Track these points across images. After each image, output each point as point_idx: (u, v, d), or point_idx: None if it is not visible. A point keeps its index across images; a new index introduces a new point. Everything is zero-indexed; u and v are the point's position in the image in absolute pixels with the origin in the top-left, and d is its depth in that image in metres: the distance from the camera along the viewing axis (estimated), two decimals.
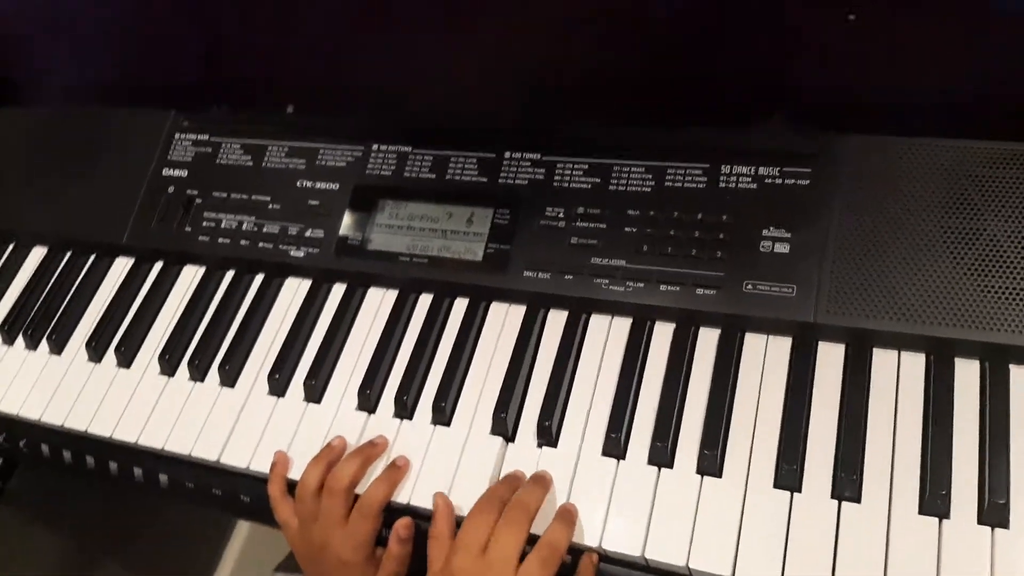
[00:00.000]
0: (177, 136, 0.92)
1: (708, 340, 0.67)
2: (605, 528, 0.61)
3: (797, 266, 0.65)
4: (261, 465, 0.71)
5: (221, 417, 0.75)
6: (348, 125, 0.85)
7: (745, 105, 0.74)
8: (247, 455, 0.72)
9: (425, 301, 0.77)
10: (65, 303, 0.88)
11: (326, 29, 0.93)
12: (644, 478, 0.62)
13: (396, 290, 0.78)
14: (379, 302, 0.78)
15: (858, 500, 0.57)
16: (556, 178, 0.75)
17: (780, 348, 0.65)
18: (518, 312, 0.73)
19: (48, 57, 1.09)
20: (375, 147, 0.83)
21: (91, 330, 0.84)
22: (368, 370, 0.73)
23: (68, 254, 0.93)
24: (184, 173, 0.90)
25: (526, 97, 0.87)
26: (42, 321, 0.87)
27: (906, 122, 0.68)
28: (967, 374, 0.60)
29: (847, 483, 0.58)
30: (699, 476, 0.61)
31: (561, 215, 0.74)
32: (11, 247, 0.96)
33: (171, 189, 0.89)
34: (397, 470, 0.67)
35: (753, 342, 0.66)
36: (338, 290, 0.80)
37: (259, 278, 0.83)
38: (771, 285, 0.66)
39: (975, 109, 0.69)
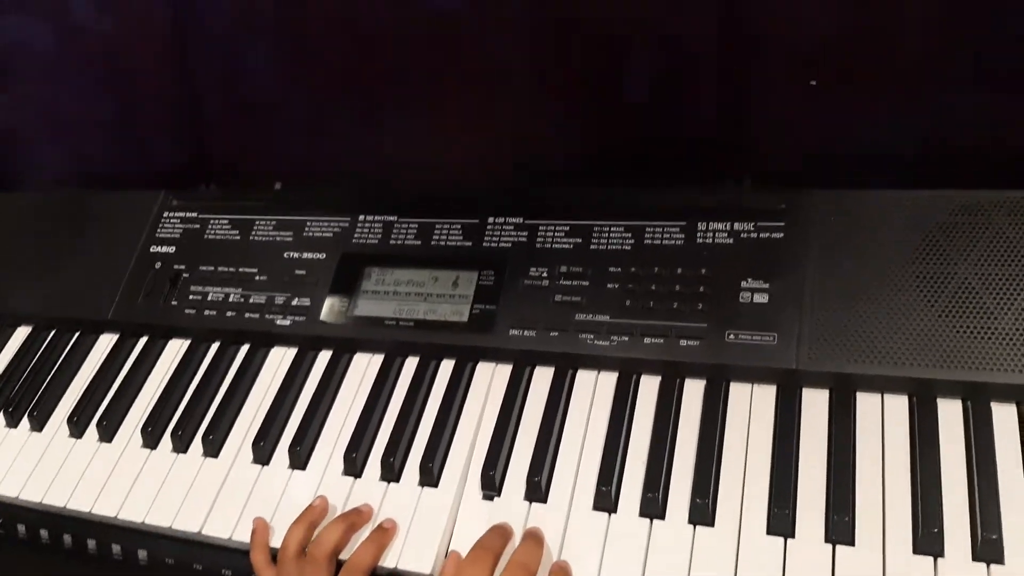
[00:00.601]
0: (166, 215, 0.94)
1: (694, 391, 0.68)
2: None
3: (777, 315, 0.67)
4: (244, 535, 0.69)
5: (204, 488, 0.73)
6: (334, 198, 0.87)
7: (716, 166, 0.77)
8: (230, 525, 0.70)
9: (411, 364, 0.77)
10: (47, 380, 0.87)
11: (311, 111, 0.97)
12: (636, 531, 0.61)
13: (382, 355, 0.78)
14: (365, 367, 0.78)
15: (852, 543, 0.57)
16: (539, 240, 0.77)
17: (765, 396, 0.66)
18: (504, 371, 0.74)
19: (37, 143, 1.12)
20: (361, 217, 0.85)
21: (73, 405, 0.83)
22: (354, 434, 0.72)
23: (52, 332, 0.92)
24: (172, 249, 0.91)
25: (507, 167, 0.90)
26: (23, 398, 0.86)
27: (870, 175, 0.71)
28: (950, 413, 0.61)
29: (840, 526, 0.57)
30: (692, 526, 0.60)
31: (545, 274, 0.75)
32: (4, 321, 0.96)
33: (158, 265, 0.90)
34: (384, 533, 0.65)
35: (738, 391, 0.67)
36: (324, 357, 0.80)
37: (244, 349, 0.83)
38: (752, 334, 0.67)
39: (934, 161, 0.72)
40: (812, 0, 0.72)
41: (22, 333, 0.95)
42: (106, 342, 0.89)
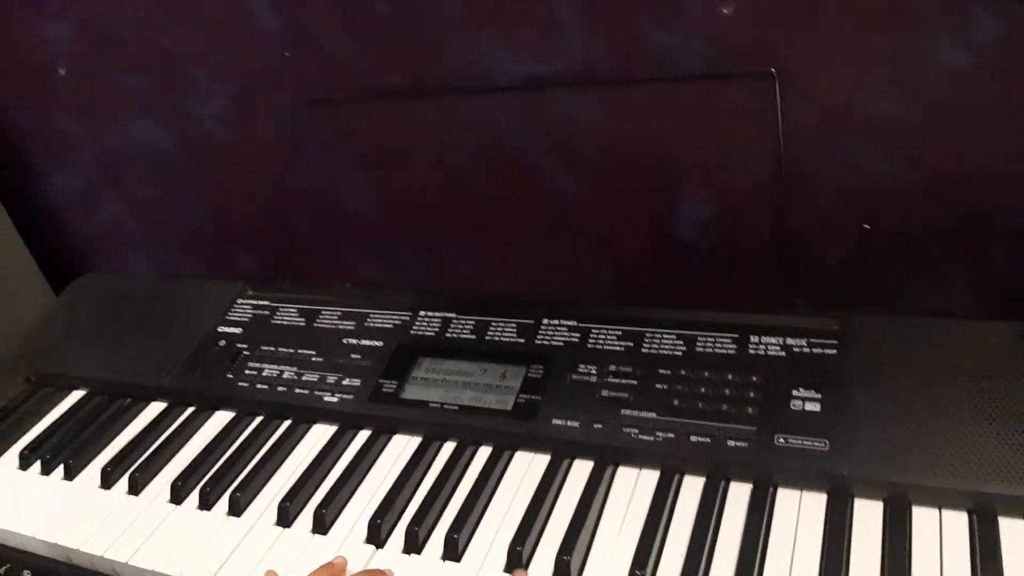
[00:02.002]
0: (239, 301, 0.99)
1: (739, 494, 0.65)
2: None
3: (829, 423, 0.65)
4: None
5: (222, 544, 0.71)
6: (398, 296, 0.91)
7: (769, 293, 0.80)
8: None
9: (449, 447, 0.76)
10: (88, 435, 0.88)
11: (386, 230, 1.04)
12: None
13: (420, 436, 0.78)
14: (403, 447, 0.78)
15: None
16: (590, 341, 0.79)
17: (814, 504, 0.63)
18: (543, 460, 0.72)
19: (139, 236, 1.21)
20: (421, 313, 0.88)
21: (109, 459, 0.83)
22: (382, 504, 0.70)
23: (103, 397, 0.95)
24: (239, 330, 0.95)
25: (566, 289, 0.94)
26: (61, 451, 0.86)
27: (924, 304, 0.72)
28: (1013, 531, 0.57)
29: None
30: None
31: (593, 371, 0.76)
32: (50, 390, 0.99)
33: (222, 343, 0.94)
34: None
35: (786, 497, 0.64)
36: (364, 434, 0.80)
37: (287, 423, 0.84)
38: (803, 439, 0.65)
39: (986, 297, 0.73)
40: (865, 152, 0.77)
41: (76, 396, 0.97)
42: (156, 409, 0.91)
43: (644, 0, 0.76)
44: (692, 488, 0.66)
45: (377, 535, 0.68)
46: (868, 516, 0.61)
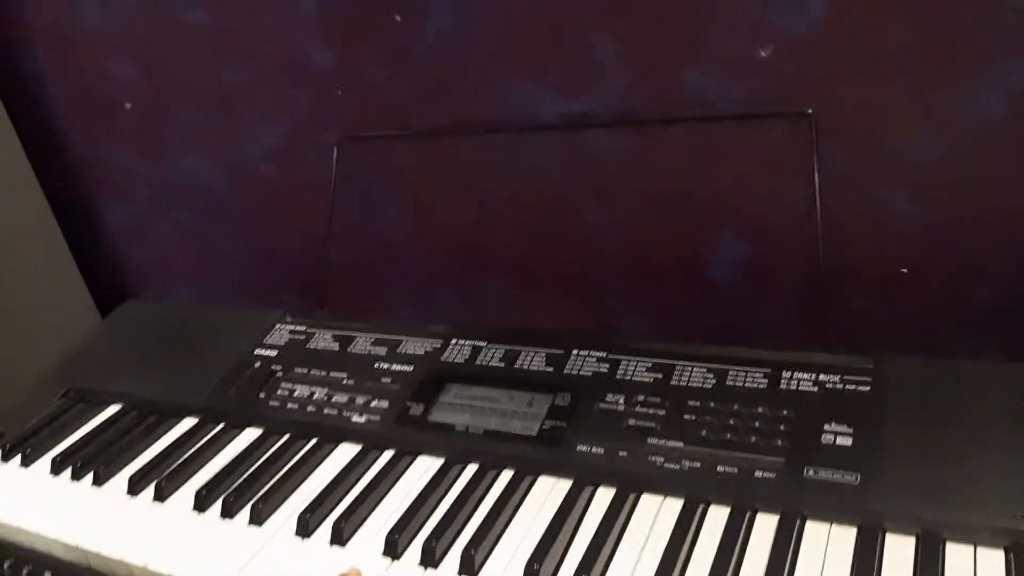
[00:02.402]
0: (278, 327, 1.01)
1: (765, 526, 0.63)
2: None
3: (861, 457, 0.64)
4: None
5: (242, 550, 0.71)
6: (433, 326, 0.92)
7: (802, 331, 0.79)
8: None
9: (472, 469, 0.76)
10: (119, 446, 0.89)
11: (425, 266, 1.07)
12: None
13: (443, 458, 0.78)
14: (426, 468, 0.77)
15: None
16: (619, 372, 0.78)
17: (843, 538, 0.61)
18: (565, 485, 0.71)
19: (184, 265, 1.25)
20: (453, 341, 0.89)
21: (137, 468, 0.84)
22: (401, 519, 0.70)
23: (136, 412, 0.96)
24: (274, 353, 0.97)
25: (598, 328, 0.95)
26: (92, 460, 0.88)
27: (962, 347, 0.71)
28: None
29: None
30: None
31: (621, 401, 0.75)
32: (85, 404, 1.01)
33: (257, 364, 0.96)
34: None
35: (814, 530, 0.62)
36: (387, 455, 0.80)
37: (313, 442, 0.84)
38: (833, 472, 0.63)
39: (1018, 337, 0.72)
40: (901, 195, 0.78)
41: (111, 410, 0.99)
42: (187, 424, 0.92)
43: (682, 42, 0.78)
44: (716, 518, 0.65)
45: (394, 549, 0.67)
46: (900, 552, 0.58)
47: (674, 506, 0.67)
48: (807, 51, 0.75)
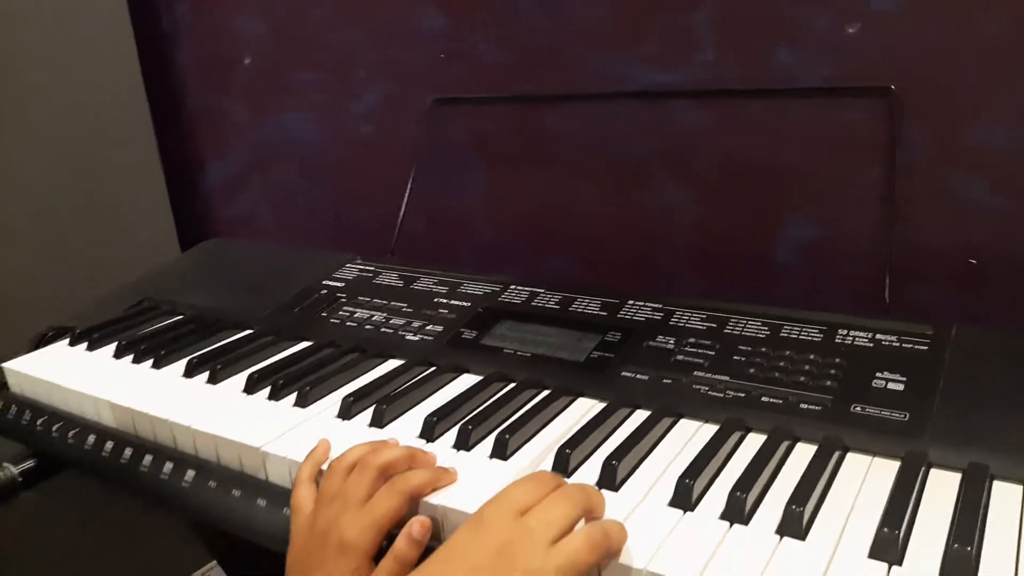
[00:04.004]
0: (348, 265, 1.05)
1: (804, 454, 0.62)
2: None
3: (912, 400, 0.62)
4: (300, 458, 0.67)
5: (283, 424, 0.73)
6: (495, 275, 0.95)
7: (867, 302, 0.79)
8: (292, 450, 0.68)
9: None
10: (179, 342, 0.92)
11: (490, 234, 1.10)
12: (713, 530, 0.53)
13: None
14: (470, 381, 0.78)
15: None
16: (673, 320, 0.79)
17: (884, 471, 0.59)
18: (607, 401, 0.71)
19: (267, 229, 1.32)
20: (512, 286, 0.91)
21: (197, 355, 0.88)
22: (441, 408, 0.71)
23: (200, 320, 1.00)
24: (341, 284, 1.00)
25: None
26: (153, 348, 0.91)
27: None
28: None
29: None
30: (778, 536, 0.52)
31: (672, 342, 0.76)
32: (150, 312, 1.05)
33: (323, 291, 0.99)
34: (446, 473, 0.61)
35: (854, 460, 0.60)
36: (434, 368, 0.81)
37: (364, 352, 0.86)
38: (882, 409, 0.62)
39: None
40: (978, 185, 0.78)
41: (177, 318, 1.03)
42: (246, 332, 0.96)
43: (774, 17, 0.82)
44: (755, 442, 0.64)
45: (431, 431, 0.68)
46: (944, 485, 0.56)
47: (713, 430, 0.66)
48: (894, 29, 0.77)
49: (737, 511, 0.54)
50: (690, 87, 0.89)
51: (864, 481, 0.58)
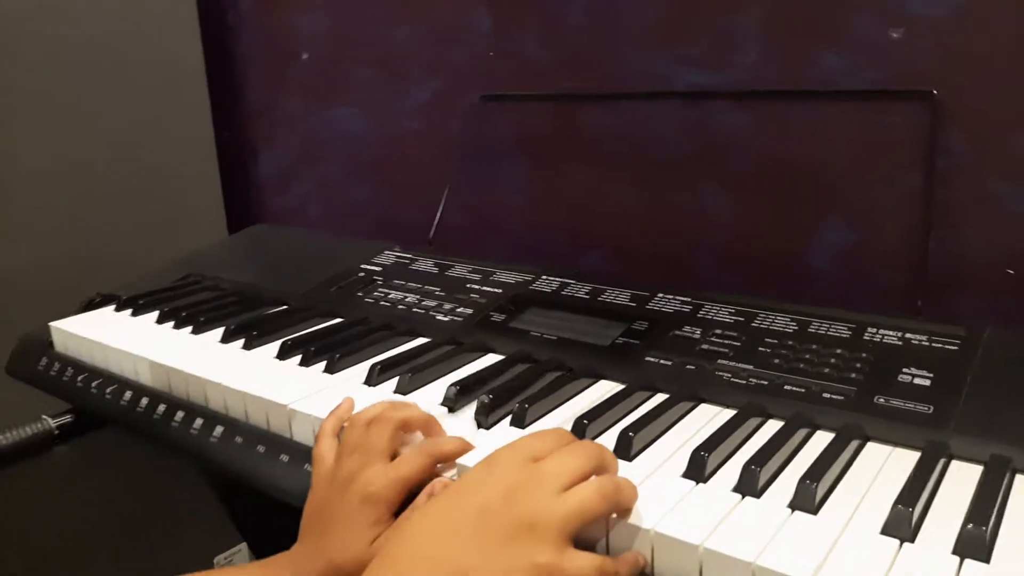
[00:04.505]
0: (386, 252, 1.08)
1: (823, 439, 0.61)
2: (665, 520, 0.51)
3: (938, 394, 0.62)
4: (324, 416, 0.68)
5: (311, 387, 0.75)
6: (528, 265, 0.96)
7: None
8: (318, 409, 0.70)
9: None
10: (218, 312, 0.95)
11: (527, 232, 1.11)
12: (724, 501, 0.53)
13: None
14: (495, 359, 0.79)
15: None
16: (701, 313, 0.79)
17: (904, 459, 0.58)
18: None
19: (312, 220, 1.35)
20: (544, 276, 0.93)
21: (235, 324, 0.90)
22: (463, 380, 0.72)
23: (240, 294, 1.03)
24: (378, 268, 1.03)
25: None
26: (194, 316, 0.94)
27: None
28: None
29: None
30: (789, 510, 0.52)
31: (698, 333, 0.76)
32: (194, 285, 1.09)
33: (361, 274, 1.02)
34: (469, 446, 0.62)
35: (874, 449, 0.60)
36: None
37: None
38: (906, 401, 0.62)
39: None
40: (1017, 194, 0.77)
41: (216, 293, 1.06)
42: (282, 307, 0.98)
43: (819, 20, 0.83)
44: (773, 427, 0.63)
45: (453, 401, 0.69)
46: (964, 475, 0.55)
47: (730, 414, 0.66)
48: (939, 34, 0.77)
49: (750, 485, 0.54)
50: (731, 88, 0.90)
51: (882, 468, 0.57)
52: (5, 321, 1.02)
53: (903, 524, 0.48)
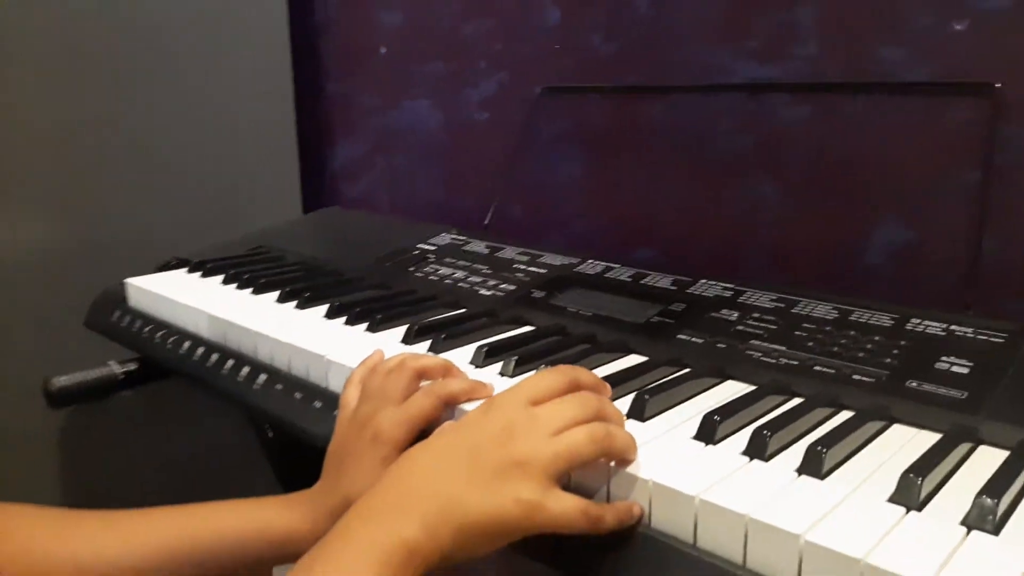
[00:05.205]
0: (443, 234, 1.11)
1: (843, 418, 0.60)
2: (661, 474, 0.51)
3: (973, 382, 0.59)
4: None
5: (352, 343, 0.78)
6: (575, 251, 0.97)
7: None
8: (353, 361, 0.72)
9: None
10: (277, 278, 1.00)
11: (582, 223, 1.12)
12: (731, 461, 0.53)
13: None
14: (531, 329, 0.81)
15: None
16: (741, 298, 0.78)
17: (929, 438, 0.56)
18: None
19: (389, 188, 1.40)
20: (590, 261, 0.93)
21: (289, 289, 0.94)
22: (492, 342, 0.73)
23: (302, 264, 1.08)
24: (432, 248, 1.06)
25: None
26: (255, 279, 0.99)
27: None
28: None
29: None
30: (796, 474, 0.51)
31: (735, 315, 0.75)
32: (264, 255, 1.15)
33: (415, 252, 1.05)
34: (483, 387, 0.63)
35: (899, 430, 0.58)
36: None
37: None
38: (939, 387, 0.60)
39: None
40: None
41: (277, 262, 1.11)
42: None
43: (880, 13, 0.82)
44: (794, 404, 0.62)
45: (479, 358, 0.71)
46: (989, 458, 0.53)
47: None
48: (1003, 27, 0.75)
49: (759, 448, 0.53)
50: (788, 79, 0.89)
51: (903, 447, 0.55)
52: (96, 280, 1.10)
53: (911, 492, 0.47)
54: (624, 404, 0.61)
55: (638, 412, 0.59)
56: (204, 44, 1.33)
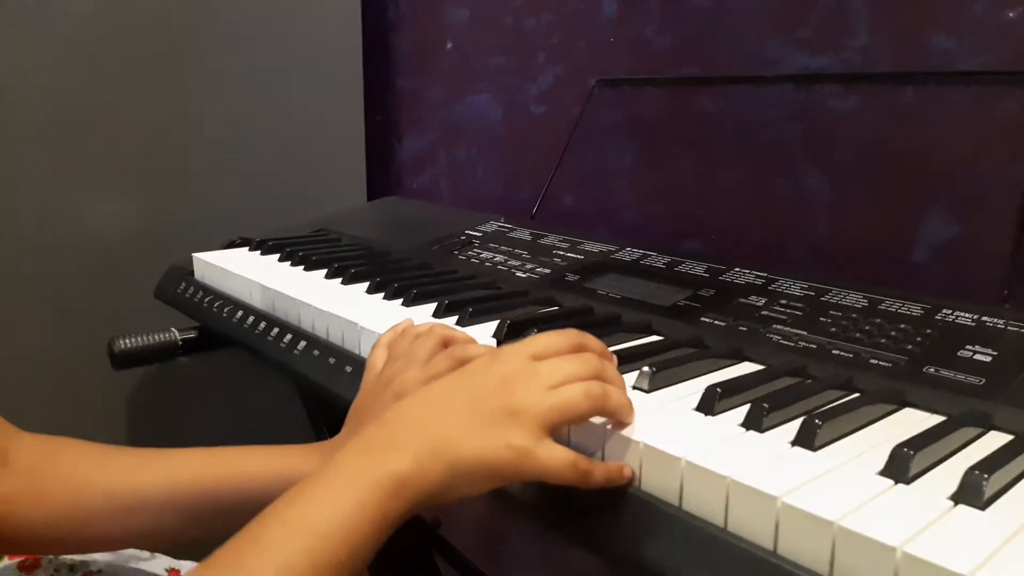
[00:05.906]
0: (491, 222, 1.13)
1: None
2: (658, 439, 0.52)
3: (994, 370, 0.58)
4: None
5: (386, 314, 0.81)
6: (615, 239, 0.98)
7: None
8: (383, 329, 0.75)
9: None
10: (330, 256, 1.05)
11: (630, 215, 1.13)
12: (726, 431, 0.53)
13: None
14: (556, 308, 0.82)
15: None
16: (772, 286, 0.78)
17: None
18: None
19: (448, 181, 1.44)
20: (627, 248, 0.94)
21: (337, 265, 0.99)
22: (514, 319, 0.75)
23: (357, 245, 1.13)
24: (479, 234, 1.09)
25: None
26: (308, 257, 1.04)
27: None
28: None
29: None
30: (789, 445, 0.51)
31: (763, 302, 0.75)
32: (322, 236, 1.20)
33: (462, 237, 1.08)
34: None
35: (910, 413, 0.57)
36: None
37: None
38: (957, 373, 0.58)
39: None
40: None
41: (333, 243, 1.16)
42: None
43: (934, 2, 0.80)
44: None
45: (500, 332, 0.73)
46: (997, 442, 0.51)
47: None
48: None
49: (755, 420, 0.53)
50: (840, 69, 0.88)
51: (909, 430, 0.53)
52: (176, 259, 1.17)
53: (902, 466, 0.46)
54: (632, 378, 0.61)
55: (643, 384, 0.60)
56: (283, 42, 1.40)
